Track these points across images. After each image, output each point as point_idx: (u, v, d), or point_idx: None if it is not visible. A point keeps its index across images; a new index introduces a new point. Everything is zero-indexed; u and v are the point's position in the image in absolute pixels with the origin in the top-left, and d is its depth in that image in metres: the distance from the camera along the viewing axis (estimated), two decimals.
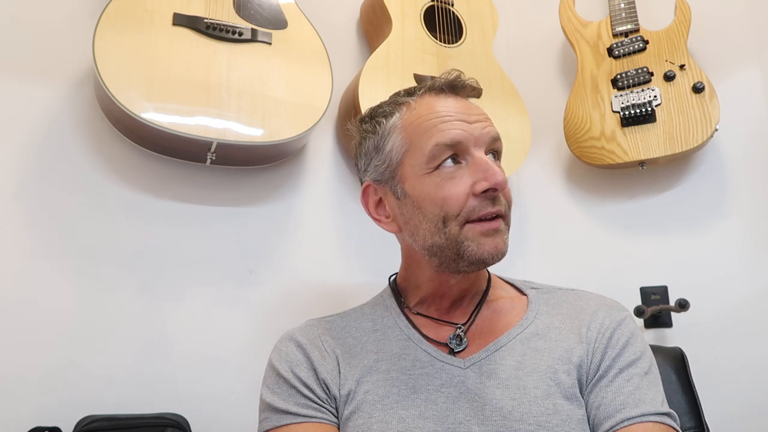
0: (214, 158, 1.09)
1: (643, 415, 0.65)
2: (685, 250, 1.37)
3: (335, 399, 0.74)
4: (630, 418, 0.65)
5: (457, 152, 0.73)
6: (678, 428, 0.67)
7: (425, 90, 0.79)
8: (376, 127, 0.80)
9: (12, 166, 1.01)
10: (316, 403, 0.73)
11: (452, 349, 0.75)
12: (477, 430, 0.67)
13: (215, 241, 1.15)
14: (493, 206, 0.72)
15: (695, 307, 1.27)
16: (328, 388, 0.74)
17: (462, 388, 0.70)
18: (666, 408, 0.68)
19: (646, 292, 1.38)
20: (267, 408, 0.74)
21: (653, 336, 1.36)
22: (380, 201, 0.81)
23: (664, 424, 0.66)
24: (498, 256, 0.72)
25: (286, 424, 0.72)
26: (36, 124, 1.04)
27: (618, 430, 0.65)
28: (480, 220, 0.72)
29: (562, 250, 1.53)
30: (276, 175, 1.25)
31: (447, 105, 0.76)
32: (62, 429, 0.91)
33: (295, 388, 0.74)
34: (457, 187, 0.72)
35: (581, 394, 0.70)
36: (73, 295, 1.01)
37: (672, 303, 1.32)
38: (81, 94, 1.08)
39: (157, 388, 1.03)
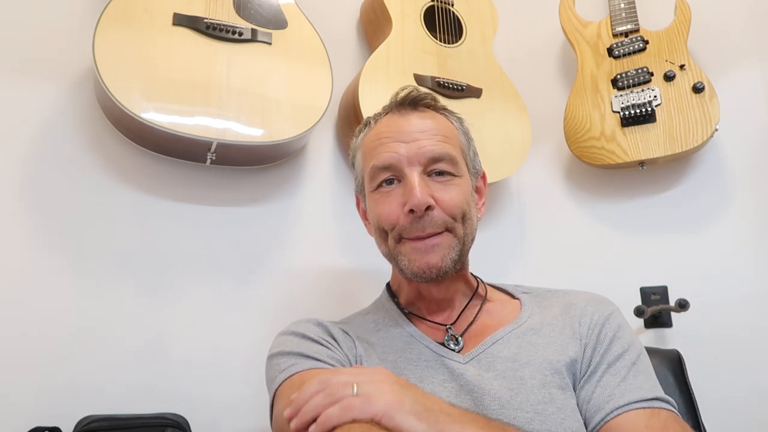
0: (214, 158, 1.09)
1: (630, 404, 0.67)
2: (685, 250, 1.37)
3: None
4: (617, 408, 0.67)
5: (393, 173, 0.78)
6: (671, 407, 0.69)
7: (386, 111, 0.84)
8: (353, 144, 0.89)
9: (12, 166, 1.00)
10: (345, 366, 0.74)
11: (452, 349, 0.77)
12: None
13: (215, 241, 1.15)
14: (422, 230, 0.75)
15: (695, 307, 1.27)
16: (350, 362, 0.76)
17: (462, 382, 0.72)
18: (655, 392, 0.69)
19: (646, 292, 1.38)
20: (296, 356, 0.72)
21: (653, 336, 1.36)
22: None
23: (652, 408, 0.67)
24: (431, 271, 0.75)
25: (322, 369, 0.70)
26: (36, 124, 1.04)
27: (608, 421, 0.67)
28: (415, 237, 0.76)
29: (562, 249, 1.53)
30: (276, 175, 1.25)
31: (393, 126, 0.81)
32: (62, 429, 0.91)
33: (325, 346, 0.75)
34: (390, 205, 0.77)
35: (574, 388, 0.73)
36: (73, 294, 1.01)
37: (672, 303, 1.32)
38: (81, 94, 1.08)
39: (157, 388, 1.03)
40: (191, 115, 1.01)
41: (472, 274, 0.89)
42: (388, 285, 0.91)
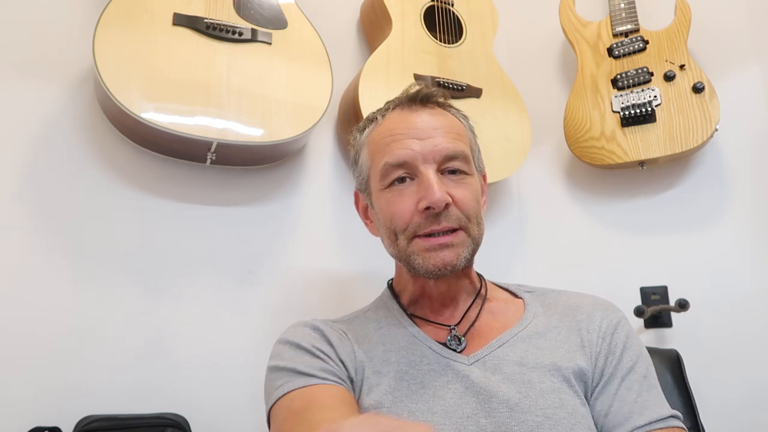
0: (214, 158, 1.09)
1: (650, 423, 0.69)
2: (685, 250, 1.37)
3: (351, 381, 0.75)
4: (638, 428, 0.68)
5: (407, 170, 0.76)
6: (681, 423, 0.71)
7: (394, 106, 0.82)
8: (355, 140, 0.86)
9: (12, 166, 1.01)
10: (338, 375, 0.73)
11: (453, 349, 0.77)
12: (484, 422, 0.68)
13: (215, 241, 1.15)
14: (438, 224, 0.74)
15: (695, 307, 1.27)
16: (346, 369, 0.75)
17: (467, 383, 0.71)
18: (667, 410, 0.71)
19: (646, 292, 1.38)
20: (288, 372, 0.72)
21: (653, 336, 1.36)
22: (367, 206, 0.87)
23: (669, 427, 0.69)
24: (445, 268, 0.74)
25: (313, 385, 0.70)
26: (36, 124, 1.04)
27: None
28: (428, 235, 0.74)
29: (562, 250, 1.53)
30: (276, 175, 1.25)
31: (405, 122, 0.78)
32: (62, 429, 0.91)
33: (318, 357, 0.74)
34: (404, 203, 0.75)
35: (586, 397, 0.73)
36: (73, 294, 1.01)
37: (672, 303, 1.32)
38: (81, 94, 1.08)
39: (157, 388, 1.03)
40: (191, 115, 1.01)
41: (476, 272, 0.88)
42: (390, 284, 0.90)
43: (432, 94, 0.81)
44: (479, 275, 0.89)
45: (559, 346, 0.75)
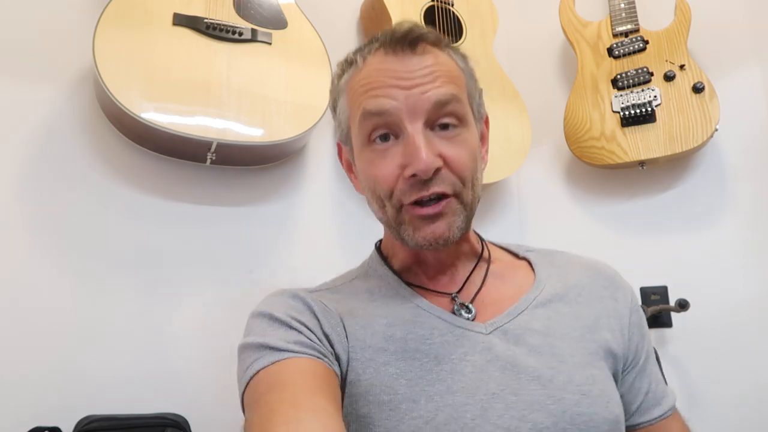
0: (214, 158, 1.09)
1: (674, 404, 0.73)
2: (685, 250, 1.37)
3: (338, 358, 0.64)
4: (672, 408, 0.72)
5: (389, 126, 0.65)
6: None
7: (378, 46, 0.69)
8: (333, 85, 0.75)
9: (12, 166, 1.01)
10: (316, 349, 0.62)
11: (466, 319, 0.68)
12: (513, 399, 0.60)
13: (215, 241, 1.15)
14: (426, 190, 0.63)
15: (695, 307, 1.27)
16: (332, 345, 0.64)
17: (489, 356, 0.63)
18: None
19: (646, 292, 1.38)
20: (257, 349, 0.63)
21: (653, 336, 1.36)
22: (351, 161, 0.75)
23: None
24: (437, 242, 0.64)
25: (283, 360, 0.60)
26: (36, 124, 1.04)
27: (665, 417, 0.72)
28: (418, 203, 0.64)
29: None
30: (276, 175, 1.25)
31: (388, 67, 0.66)
32: (62, 429, 0.91)
33: (294, 329, 0.63)
34: (387, 167, 0.65)
35: (614, 372, 0.69)
36: (72, 294, 1.01)
37: (672, 303, 1.32)
38: (81, 94, 1.08)
39: (157, 388, 1.03)
40: (191, 115, 1.01)
41: (474, 231, 0.78)
42: (378, 247, 0.80)
43: (422, 36, 0.68)
44: (478, 235, 0.79)
45: (582, 312, 0.69)
